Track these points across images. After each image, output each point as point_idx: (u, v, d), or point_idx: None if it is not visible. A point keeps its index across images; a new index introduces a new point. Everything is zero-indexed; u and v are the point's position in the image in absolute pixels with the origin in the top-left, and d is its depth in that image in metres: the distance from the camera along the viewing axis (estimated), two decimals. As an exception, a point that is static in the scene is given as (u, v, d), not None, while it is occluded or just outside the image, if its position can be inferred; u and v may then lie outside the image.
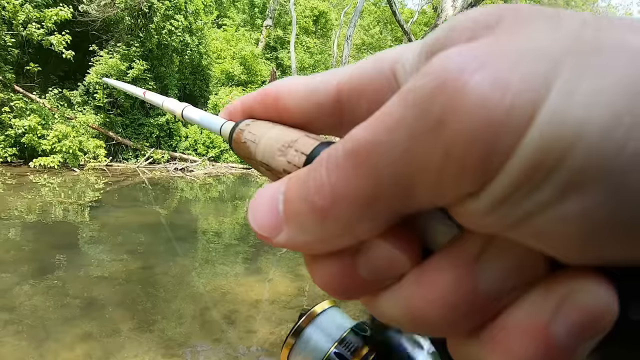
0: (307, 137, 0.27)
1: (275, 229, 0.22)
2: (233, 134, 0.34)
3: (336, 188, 0.19)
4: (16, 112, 12.23)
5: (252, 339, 4.10)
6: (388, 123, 0.18)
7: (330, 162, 0.20)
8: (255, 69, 20.91)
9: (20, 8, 12.16)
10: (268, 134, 0.30)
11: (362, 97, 0.27)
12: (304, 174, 0.21)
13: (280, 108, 0.31)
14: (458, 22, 0.20)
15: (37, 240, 6.47)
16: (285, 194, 0.22)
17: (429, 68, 0.17)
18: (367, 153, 0.18)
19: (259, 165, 0.30)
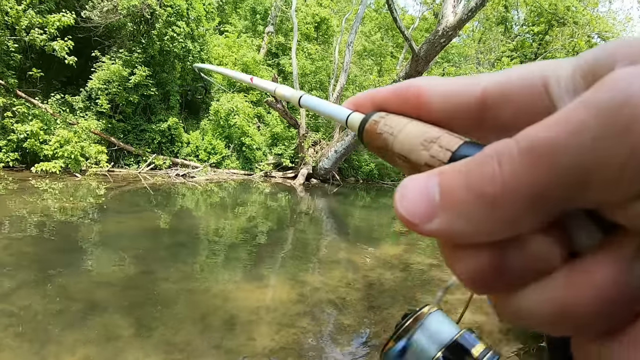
0: (450, 135, 0.28)
1: (428, 216, 0.24)
2: (365, 124, 0.35)
3: (510, 180, 0.21)
4: (18, 117, 12.25)
5: (252, 345, 4.09)
6: (572, 126, 0.20)
7: (504, 156, 0.21)
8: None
9: (23, 14, 12.22)
10: (407, 128, 0.31)
11: (509, 104, 0.28)
12: (467, 167, 0.23)
13: (421, 104, 0.31)
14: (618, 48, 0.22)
15: (38, 244, 6.48)
16: (443, 183, 0.24)
17: (612, 83, 0.19)
18: (548, 151, 0.20)
19: (395, 157, 0.31)
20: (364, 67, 25.30)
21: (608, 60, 0.22)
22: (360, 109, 0.37)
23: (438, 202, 0.23)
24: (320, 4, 26.83)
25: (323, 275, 6.44)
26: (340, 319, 4.88)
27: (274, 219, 10.52)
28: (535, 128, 0.21)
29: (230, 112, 17.48)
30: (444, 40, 13.95)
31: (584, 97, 0.20)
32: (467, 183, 0.23)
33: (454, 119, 0.30)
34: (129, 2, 14.46)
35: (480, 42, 25.77)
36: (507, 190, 0.21)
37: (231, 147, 17.96)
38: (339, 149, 17.68)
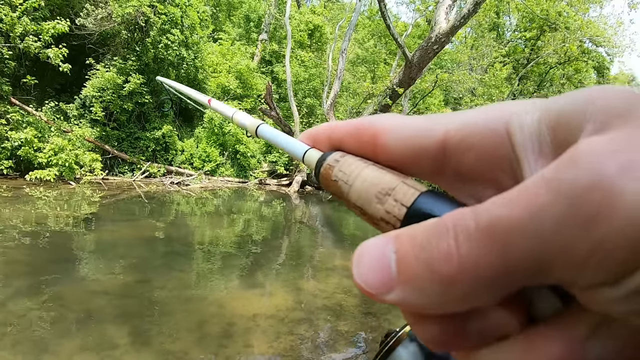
0: (406, 185, 0.27)
1: (385, 287, 0.23)
2: (321, 168, 0.34)
3: (466, 260, 0.20)
4: (12, 125, 12.23)
5: (250, 352, 4.09)
6: (533, 206, 0.19)
7: (461, 233, 0.21)
8: (251, 83, 20.96)
9: (17, 21, 12.22)
10: (362, 175, 0.30)
11: (471, 150, 0.27)
12: (423, 237, 0.22)
13: (378, 146, 0.30)
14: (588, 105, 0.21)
15: (33, 253, 6.45)
16: (399, 254, 0.23)
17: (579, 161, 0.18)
18: (506, 232, 0.19)
19: (352, 207, 0.30)
20: (358, 74, 25.35)
21: (577, 117, 0.21)
22: (317, 145, 0.36)
23: (394, 276, 0.23)
24: (314, 12, 26.91)
25: (319, 282, 6.44)
26: (337, 326, 4.88)
27: (269, 227, 10.51)
28: (496, 204, 0.21)
29: (224, 120, 17.47)
30: (436, 46, 14.03)
31: (548, 174, 0.19)
32: (422, 258, 0.22)
33: (413, 163, 0.29)
34: (124, 9, 14.47)
35: (473, 49, 25.90)
36: (463, 269, 0.20)
37: (225, 154, 17.96)
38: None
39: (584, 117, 0.21)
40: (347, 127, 0.33)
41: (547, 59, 23.58)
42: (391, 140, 0.29)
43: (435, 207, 0.25)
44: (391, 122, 0.30)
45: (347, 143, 0.33)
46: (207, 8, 19.45)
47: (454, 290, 0.21)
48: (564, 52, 22.33)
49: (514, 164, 0.25)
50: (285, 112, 20.64)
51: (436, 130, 0.28)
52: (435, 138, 0.27)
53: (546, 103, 0.24)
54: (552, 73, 23.95)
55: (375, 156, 0.31)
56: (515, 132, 0.25)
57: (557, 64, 23.63)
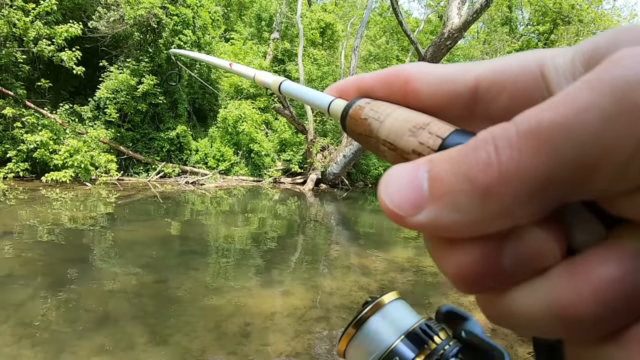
0: (441, 122, 0.27)
1: (415, 207, 0.22)
2: (350, 109, 0.33)
3: (507, 167, 0.19)
4: (28, 128, 12.32)
5: (268, 351, 4.06)
6: (578, 105, 0.18)
7: (501, 141, 0.20)
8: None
9: (30, 25, 12.30)
10: (394, 114, 0.29)
11: (503, 92, 0.26)
12: (458, 153, 0.21)
13: (409, 92, 0.30)
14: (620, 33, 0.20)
15: (50, 254, 6.47)
16: (432, 172, 0.22)
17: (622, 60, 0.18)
18: (551, 133, 0.18)
19: (380, 144, 0.30)
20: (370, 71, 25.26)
21: (610, 45, 0.20)
22: (343, 96, 0.36)
23: (426, 192, 0.22)
24: (325, 9, 26.89)
25: (336, 280, 6.41)
26: (354, 324, 4.84)
27: (284, 225, 10.49)
28: (537, 109, 0.19)
29: (238, 119, 17.51)
30: (449, 42, 13.93)
31: (591, 76, 0.19)
32: (458, 170, 0.21)
33: (444, 108, 0.29)
34: (135, 11, 14.54)
35: (486, 43, 25.71)
36: (504, 178, 0.19)
37: (240, 153, 17.99)
38: (348, 154, 17.67)
39: (616, 44, 0.20)
40: (377, 76, 0.33)
41: (561, 54, 23.35)
42: (423, 85, 0.29)
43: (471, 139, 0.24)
44: (423, 68, 0.30)
45: (377, 91, 0.32)
46: (219, 8, 19.49)
47: (493, 202, 0.20)
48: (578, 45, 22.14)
49: None
50: (299, 111, 20.63)
51: (468, 75, 0.28)
52: (467, 82, 0.27)
53: (578, 45, 0.23)
54: (566, 67, 23.68)
55: (407, 102, 0.30)
56: (549, 71, 0.24)
57: (571, 57, 23.39)
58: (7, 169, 12.02)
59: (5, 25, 11.77)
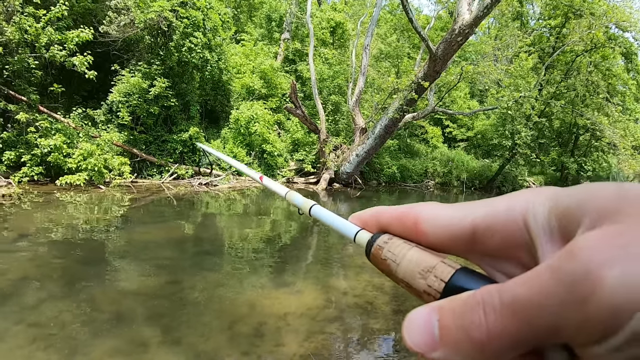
0: (444, 264, 0.34)
1: (430, 348, 0.30)
2: (372, 248, 0.39)
3: (493, 328, 0.27)
4: (42, 132, 12.39)
5: (281, 352, 4.04)
6: (543, 289, 0.25)
7: (488, 307, 0.27)
8: (275, 82, 21.00)
9: (42, 31, 12.39)
10: (408, 256, 0.36)
11: (495, 235, 0.34)
12: (459, 308, 0.29)
13: (419, 232, 0.37)
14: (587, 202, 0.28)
15: (64, 256, 6.51)
16: (441, 322, 0.30)
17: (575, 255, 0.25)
18: (523, 307, 0.26)
19: (399, 282, 0.37)
20: (382, 70, 25.15)
21: (577, 212, 0.28)
22: (366, 227, 0.43)
23: (438, 339, 0.29)
24: (335, 9, 26.85)
25: (349, 280, 6.38)
26: (368, 324, 4.82)
27: (298, 225, 10.48)
28: (515, 283, 0.27)
29: (250, 120, 17.53)
30: (460, 38, 13.84)
31: (553, 264, 0.26)
32: (459, 326, 0.28)
33: (448, 246, 0.36)
34: (146, 15, 14.59)
35: (497, 39, 25.46)
36: (491, 336, 0.27)
37: (252, 154, 18.01)
38: (360, 153, 17.62)
39: (582, 213, 0.27)
40: (393, 213, 0.40)
41: (573, 47, 22.96)
42: (430, 228, 0.37)
43: (468, 282, 0.32)
44: (429, 211, 0.38)
45: (394, 227, 0.40)
46: (229, 10, 19.54)
47: (484, 351, 0.27)
48: (590, 39, 21.76)
49: (530, 246, 0.32)
50: (311, 110, 20.63)
51: (466, 220, 0.35)
52: (465, 226, 0.35)
53: (555, 195, 0.31)
54: (579, 61, 23.29)
55: (417, 239, 0.38)
56: (530, 221, 0.32)
57: (584, 51, 22.98)
58: (22, 173, 12.08)
59: (17, 32, 11.85)
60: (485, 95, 28.41)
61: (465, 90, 30.84)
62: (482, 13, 13.19)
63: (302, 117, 17.61)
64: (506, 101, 20.24)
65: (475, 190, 23.65)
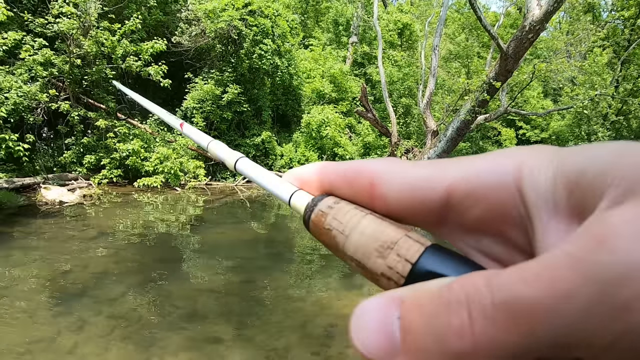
0: (410, 239, 0.26)
1: (387, 355, 0.21)
2: (311, 214, 0.31)
3: (481, 338, 0.19)
4: (120, 137, 12.88)
5: (351, 354, 3.98)
6: (559, 288, 0.17)
7: (475, 309, 0.19)
8: (345, 86, 21.01)
9: (117, 43, 12.88)
10: (360, 226, 0.28)
11: (477, 205, 0.25)
12: (431, 304, 0.21)
13: (376, 195, 0.28)
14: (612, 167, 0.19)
15: (142, 253, 6.65)
16: (404, 322, 0.21)
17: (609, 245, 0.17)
18: (528, 313, 0.18)
19: (348, 259, 0.28)
20: (452, 71, 24.71)
21: (598, 180, 0.20)
22: (305, 187, 0.33)
23: (398, 344, 0.21)
24: (401, 10, 26.62)
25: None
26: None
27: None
28: (515, 278, 0.19)
29: (321, 124, 17.58)
30: (531, 35, 13.33)
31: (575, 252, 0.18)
32: (432, 331, 0.20)
33: (413, 215, 0.28)
34: (216, 25, 14.95)
35: (569, 34, 24.50)
36: (478, 348, 0.19)
37: (324, 157, 18.03)
38: (432, 156, 17.29)
39: (606, 181, 0.19)
40: (340, 171, 0.31)
41: (651, 40, 21.85)
42: (390, 192, 0.28)
43: (442, 265, 0.24)
44: (388, 169, 0.28)
45: (340, 188, 0.30)
46: (296, 16, 19.71)
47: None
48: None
49: (524, 219, 0.24)
50: (382, 114, 20.49)
51: (439, 183, 0.26)
52: (438, 191, 0.26)
53: (562, 158, 0.23)
54: (657, 54, 22.13)
55: (372, 205, 0.29)
56: (527, 190, 0.24)
57: (661, 43, 21.82)
58: (102, 175, 12.60)
59: (94, 45, 12.35)
60: (559, 94, 27.36)
61: (538, 90, 29.81)
62: (552, 7, 12.65)
63: (373, 120, 17.46)
64: (581, 100, 19.36)
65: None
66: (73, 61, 12.16)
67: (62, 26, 11.71)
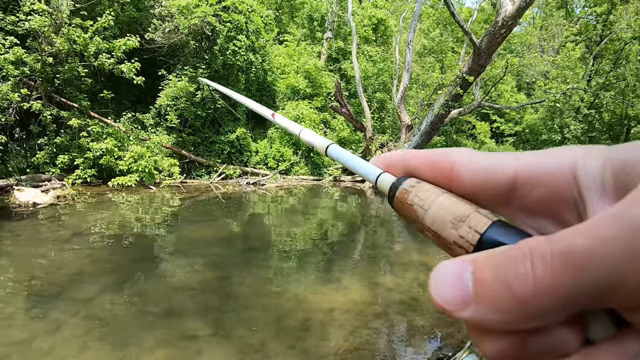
0: (479, 214, 0.30)
1: (461, 304, 0.26)
2: (396, 192, 0.36)
3: (541, 282, 0.23)
4: (93, 137, 12.79)
5: (326, 346, 4.07)
6: (603, 236, 0.22)
7: (537, 258, 0.24)
8: (320, 82, 21.05)
9: (90, 41, 12.76)
10: (438, 201, 0.33)
11: (538, 187, 0.30)
12: (500, 260, 0.25)
13: (453, 177, 0.33)
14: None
15: (117, 253, 6.67)
16: (477, 275, 0.26)
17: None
18: (581, 258, 0.22)
19: (425, 230, 0.33)
20: (426, 65, 24.90)
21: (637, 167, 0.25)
22: (390, 170, 0.38)
23: (471, 294, 0.26)
24: (376, 5, 26.74)
25: (396, 276, 6.35)
26: (413, 320, 4.79)
27: (345, 223, 10.48)
28: (569, 232, 0.24)
29: (296, 119, 17.59)
30: (504, 30, 13.55)
31: (616, 211, 0.23)
32: (500, 279, 0.25)
33: (483, 195, 0.32)
34: (189, 21, 14.87)
35: (542, 29, 24.84)
36: (538, 291, 0.23)
37: (299, 153, 18.08)
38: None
39: None
40: (424, 157, 0.36)
41: (621, 35, 22.26)
42: (466, 173, 0.33)
43: (506, 236, 0.29)
44: (467, 156, 0.34)
45: (423, 171, 0.36)
46: (270, 12, 19.66)
47: (527, 308, 0.24)
48: (639, 25, 21.11)
49: (578, 202, 0.29)
50: (356, 109, 20.62)
51: (508, 167, 0.31)
52: (507, 174, 0.31)
53: (609, 151, 0.28)
54: (628, 49, 22.58)
55: (449, 186, 0.34)
56: (581, 175, 0.28)
57: (632, 39, 22.27)
58: (75, 175, 12.51)
59: (66, 43, 12.25)
60: (532, 88, 27.79)
61: (512, 84, 30.27)
62: (524, 3, 12.88)
63: (348, 115, 17.59)
64: (554, 93, 19.71)
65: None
66: (45, 59, 12.06)
67: (33, 24, 11.62)
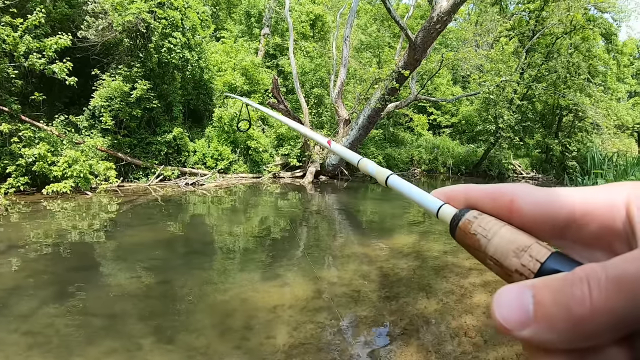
0: (539, 245, 0.33)
1: (522, 324, 0.28)
2: (459, 222, 0.39)
3: (596, 303, 0.26)
4: (25, 142, 12.30)
5: (272, 343, 4.15)
6: None
7: (593, 282, 0.26)
8: (257, 78, 20.96)
9: (20, 40, 12.29)
10: (500, 233, 0.35)
11: (592, 221, 0.33)
12: (558, 285, 0.28)
13: (514, 209, 0.36)
14: None
15: (55, 264, 6.55)
16: (537, 298, 0.28)
17: None
18: (632, 282, 0.25)
19: (487, 259, 0.36)
20: (363, 61, 25.19)
21: None
22: (451, 202, 0.41)
23: (531, 315, 0.28)
24: (314, 1, 26.79)
25: (338, 269, 6.49)
26: (357, 311, 4.94)
27: (286, 219, 10.56)
28: (622, 259, 0.27)
29: (233, 117, 17.49)
30: (439, 26, 13.92)
31: None
32: (558, 301, 0.27)
33: (541, 227, 0.35)
34: (123, 18, 14.51)
35: (477, 25, 25.56)
36: (594, 312, 0.26)
37: (237, 151, 18.00)
38: (345, 144, 17.68)
39: None
40: (485, 190, 0.39)
41: (553, 30, 23.15)
42: (526, 206, 0.35)
43: (564, 265, 0.31)
44: (527, 190, 0.36)
45: (483, 204, 0.38)
46: (207, 8, 19.40)
47: (583, 328, 0.26)
48: (569, 21, 22.00)
49: (629, 235, 0.31)
50: (294, 104, 20.68)
51: (567, 202, 0.34)
52: (565, 209, 0.34)
53: None
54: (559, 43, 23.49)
55: (509, 218, 0.36)
56: (634, 211, 0.31)
57: (563, 33, 23.19)
58: (8, 184, 11.99)
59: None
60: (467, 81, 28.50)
61: (447, 77, 31.03)
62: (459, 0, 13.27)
63: (285, 111, 17.62)
64: (488, 86, 20.37)
65: (462, 176, 23.89)
66: (-29, 60, 11.57)
67: (-42, 23, 11.11)
